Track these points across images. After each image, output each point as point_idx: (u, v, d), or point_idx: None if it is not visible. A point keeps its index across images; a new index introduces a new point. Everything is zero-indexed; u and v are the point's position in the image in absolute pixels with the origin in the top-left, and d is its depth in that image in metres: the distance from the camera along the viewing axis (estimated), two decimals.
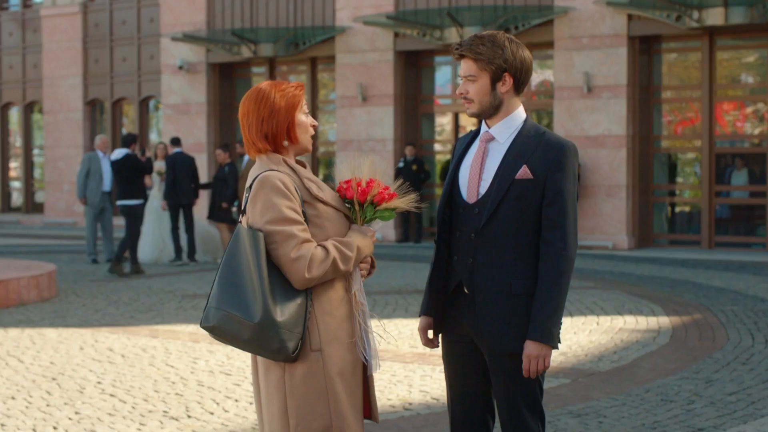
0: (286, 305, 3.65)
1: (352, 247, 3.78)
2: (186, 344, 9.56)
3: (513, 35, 20.19)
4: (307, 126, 3.91)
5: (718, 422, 6.54)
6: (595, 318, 10.81)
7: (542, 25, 20.52)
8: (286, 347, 3.62)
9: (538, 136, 4.04)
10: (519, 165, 3.99)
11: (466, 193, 4.08)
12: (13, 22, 30.36)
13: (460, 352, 4.18)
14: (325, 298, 3.76)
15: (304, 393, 3.70)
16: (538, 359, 3.93)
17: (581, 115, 20.01)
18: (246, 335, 3.61)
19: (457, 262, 4.09)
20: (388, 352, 8.97)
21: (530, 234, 4.01)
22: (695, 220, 20.21)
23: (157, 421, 6.76)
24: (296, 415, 3.70)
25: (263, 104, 3.83)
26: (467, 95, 4.05)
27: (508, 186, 3.98)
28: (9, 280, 12.17)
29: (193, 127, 24.88)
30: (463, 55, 4.04)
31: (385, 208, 3.90)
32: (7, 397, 7.48)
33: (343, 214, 3.89)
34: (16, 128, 30.95)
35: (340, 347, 3.77)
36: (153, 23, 27.02)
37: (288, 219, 3.69)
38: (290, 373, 3.71)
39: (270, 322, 3.60)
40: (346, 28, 22.65)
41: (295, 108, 3.85)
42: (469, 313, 4.08)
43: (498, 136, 4.09)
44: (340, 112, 22.98)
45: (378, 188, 3.89)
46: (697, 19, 18.66)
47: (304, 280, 3.67)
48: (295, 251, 3.66)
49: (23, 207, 30.37)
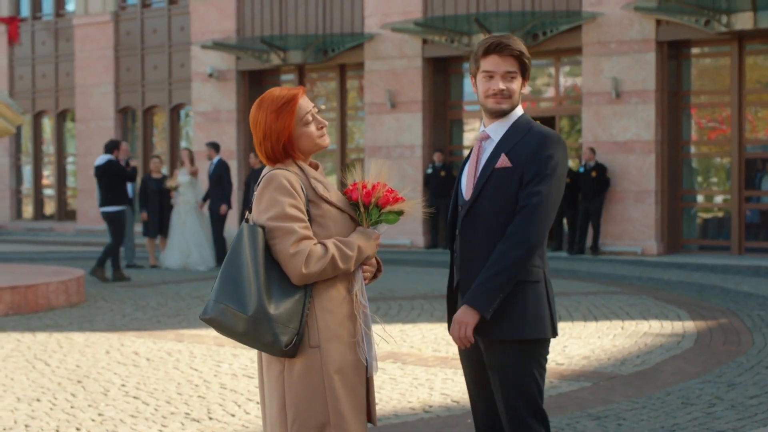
0: (283, 300, 3.71)
1: (353, 247, 3.82)
2: (211, 348, 9.63)
3: (541, 41, 20.32)
4: (311, 133, 3.93)
5: (738, 425, 6.52)
6: (620, 322, 10.79)
7: (570, 30, 20.51)
8: (279, 341, 3.68)
9: (525, 128, 4.14)
10: (499, 154, 4.09)
11: (465, 193, 4.18)
12: (45, 32, 30.67)
13: (470, 354, 4.24)
14: (326, 295, 3.81)
15: (301, 389, 3.75)
16: (461, 323, 3.99)
17: (609, 121, 19.96)
18: (241, 328, 3.69)
19: (457, 259, 4.20)
20: (411, 355, 9.01)
21: (509, 224, 4.05)
22: (725, 225, 20.10)
23: (179, 422, 6.82)
24: (294, 410, 3.76)
25: (258, 127, 3.92)
26: (506, 91, 4.12)
27: (488, 176, 4.07)
28: (38, 286, 12.30)
29: (223, 134, 25.02)
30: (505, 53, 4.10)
31: (389, 211, 3.94)
32: (32, 399, 7.57)
33: (348, 215, 3.93)
34: (48, 136, 31.24)
35: (340, 345, 3.80)
36: (183, 31, 27.22)
37: (290, 216, 3.75)
38: (289, 368, 3.77)
39: (263, 315, 3.66)
40: (374, 35, 22.73)
41: (289, 127, 3.88)
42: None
43: (493, 134, 4.19)
44: (368, 119, 23.06)
45: (383, 191, 3.93)
46: (725, 24, 18.59)
47: (301, 276, 3.72)
48: (293, 247, 3.72)
49: (56, 214, 30.64)
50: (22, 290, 12.12)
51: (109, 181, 15.96)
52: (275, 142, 3.87)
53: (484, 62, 4.12)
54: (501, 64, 4.10)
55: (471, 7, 21.79)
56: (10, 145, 31.15)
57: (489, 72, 4.11)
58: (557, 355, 9.00)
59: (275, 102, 3.89)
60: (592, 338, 9.85)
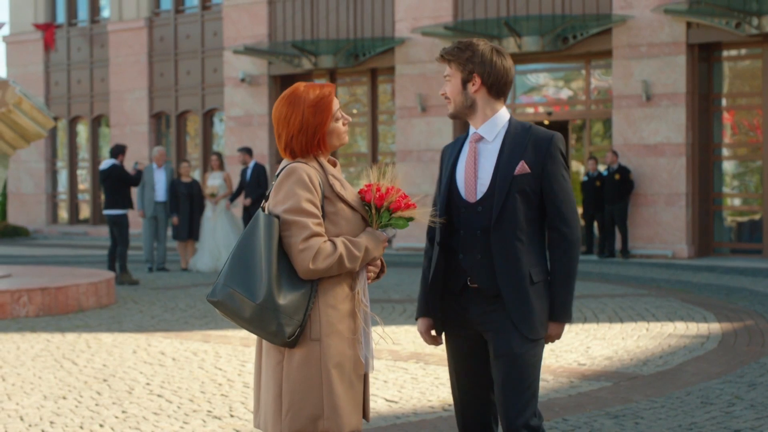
0: (290, 292, 3.78)
1: (361, 247, 3.89)
2: (236, 348, 9.73)
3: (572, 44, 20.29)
4: (339, 130, 4.02)
5: (756, 424, 6.52)
6: (645, 324, 10.78)
7: (601, 33, 20.49)
8: (283, 331, 3.75)
9: (525, 131, 4.24)
10: (516, 161, 4.17)
11: (464, 193, 4.23)
12: (81, 38, 30.99)
13: (467, 350, 4.31)
14: (331, 292, 3.87)
15: (299, 380, 3.81)
16: (558, 336, 4.27)
17: (640, 124, 19.92)
18: (247, 314, 3.76)
19: (464, 260, 4.23)
20: (434, 356, 9.06)
21: (536, 223, 4.22)
22: (757, 228, 19.99)
23: (201, 420, 6.91)
24: (289, 400, 3.82)
25: (294, 118, 3.94)
26: (446, 95, 4.32)
27: (510, 182, 4.15)
28: (68, 287, 12.46)
29: (255, 138, 25.18)
30: (440, 59, 4.34)
31: (400, 217, 4.01)
32: (58, 396, 7.69)
33: (360, 215, 3.99)
34: (83, 142, 31.54)
35: (340, 341, 3.86)
36: (216, 37, 27.42)
37: (305, 211, 3.82)
38: (288, 358, 3.84)
39: (271, 304, 3.74)
40: (405, 39, 22.81)
41: (326, 121, 3.96)
42: (477, 307, 4.22)
43: (486, 135, 4.26)
44: (399, 123, 23.12)
45: (396, 196, 4.00)
46: (756, 26, 18.52)
47: (308, 271, 3.79)
48: (304, 242, 3.79)
49: (91, 219, 30.92)
50: (52, 292, 12.28)
51: (113, 185, 16.12)
52: (311, 137, 3.94)
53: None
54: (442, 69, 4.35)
55: (501, 11, 21.81)
56: (46, 150, 31.50)
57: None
58: (580, 356, 9.02)
59: (313, 96, 3.96)
60: (616, 339, 9.86)
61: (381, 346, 9.33)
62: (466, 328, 4.27)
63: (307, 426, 3.82)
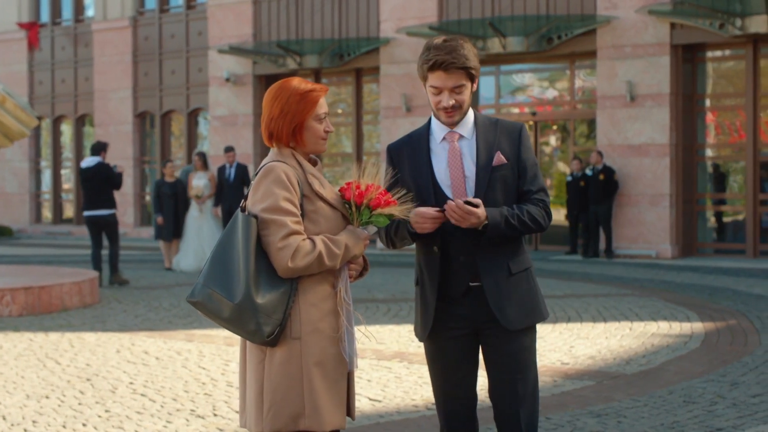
0: (269, 291, 3.78)
1: (341, 245, 3.88)
2: (220, 348, 9.72)
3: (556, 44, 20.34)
4: (318, 132, 3.99)
5: (738, 423, 6.55)
6: (628, 323, 10.82)
7: (585, 34, 20.53)
8: (261, 330, 3.75)
9: (492, 124, 4.23)
10: (492, 153, 4.15)
11: (452, 194, 4.14)
12: (65, 37, 30.89)
13: (458, 345, 4.23)
14: (312, 290, 3.86)
15: (280, 378, 3.81)
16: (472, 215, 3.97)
17: (624, 124, 19.97)
18: (226, 314, 3.76)
19: (464, 262, 4.15)
20: (418, 355, 9.07)
21: None
22: (740, 228, 20.06)
23: (184, 419, 6.90)
24: (270, 398, 3.82)
25: (276, 103, 3.95)
26: (456, 105, 4.10)
27: (489, 175, 4.13)
28: (52, 287, 12.43)
29: (240, 138, 25.15)
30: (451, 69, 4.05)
31: (380, 214, 4.00)
32: (41, 396, 7.67)
33: (340, 214, 3.98)
34: (67, 141, 31.44)
35: (321, 339, 3.85)
36: (201, 36, 27.38)
37: (283, 209, 3.81)
38: (270, 357, 3.84)
39: (249, 304, 3.73)
40: (390, 39, 22.82)
41: (307, 113, 3.95)
42: (474, 303, 4.15)
43: (466, 134, 4.21)
44: (384, 123, 23.13)
45: (376, 193, 3.97)
46: (740, 27, 18.59)
47: (287, 269, 3.79)
48: (282, 240, 3.79)
49: (75, 218, 30.82)
50: (36, 291, 12.25)
51: (99, 184, 15.36)
52: (288, 122, 3.93)
53: (431, 77, 4.08)
54: (448, 80, 4.06)
55: (486, 12, 21.83)
56: (30, 149, 31.39)
57: (436, 88, 4.10)
58: (563, 355, 9.04)
59: (304, 87, 3.95)
60: (600, 339, 9.88)
61: (365, 345, 9.33)
62: (462, 326, 4.20)
63: (289, 424, 3.82)
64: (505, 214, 4.06)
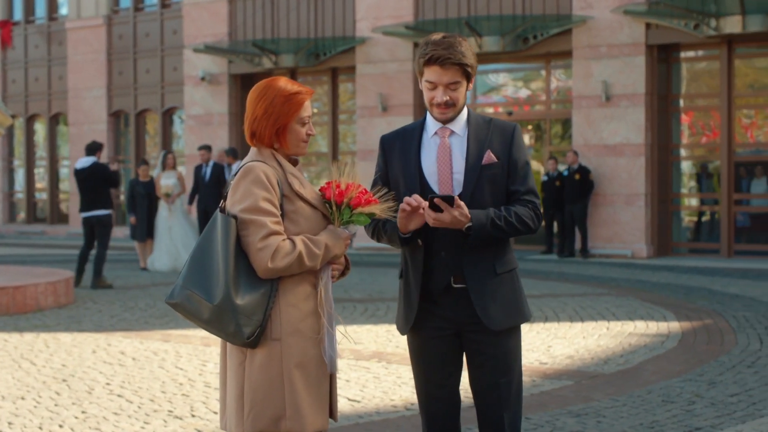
0: (249, 292, 3.74)
1: (321, 245, 3.85)
2: (197, 348, 9.67)
3: (532, 44, 20.39)
4: (301, 134, 3.97)
5: (716, 422, 6.57)
6: (605, 323, 10.84)
7: (561, 34, 20.58)
8: (241, 332, 3.72)
9: (486, 122, 4.22)
10: (482, 152, 4.12)
11: (438, 190, 4.12)
12: (38, 35, 30.71)
13: (441, 346, 4.19)
14: (292, 291, 3.83)
15: (260, 380, 3.78)
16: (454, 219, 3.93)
17: (600, 124, 20.03)
18: (205, 315, 3.73)
19: (446, 258, 4.12)
20: (396, 355, 9.05)
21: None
22: (715, 228, 20.16)
23: (162, 420, 6.85)
24: (251, 400, 3.78)
25: (261, 102, 3.92)
26: (450, 102, 4.10)
27: (478, 173, 4.10)
28: (26, 287, 12.33)
29: (215, 137, 25.06)
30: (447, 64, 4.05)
31: (360, 213, 3.97)
32: (17, 397, 7.60)
33: (321, 213, 3.95)
34: (41, 140, 31.26)
35: (301, 340, 3.82)
36: (176, 35, 27.27)
37: (262, 210, 3.78)
38: (250, 359, 3.80)
39: (228, 305, 3.70)
40: (366, 38, 22.79)
41: (291, 115, 3.92)
42: (458, 304, 4.12)
43: (458, 130, 4.19)
44: (360, 122, 23.10)
45: (356, 192, 3.95)
46: (715, 28, 18.67)
47: (267, 270, 3.76)
48: (262, 241, 3.75)
49: (48, 218, 30.66)
50: (10, 291, 12.15)
51: (95, 184, 15.22)
52: (271, 123, 3.90)
53: (427, 71, 4.08)
54: (443, 75, 4.06)
55: (462, 11, 21.85)
56: (2, 148, 31.20)
57: (432, 83, 4.09)
58: (541, 355, 9.05)
59: (290, 89, 3.92)
60: (577, 338, 9.90)
61: (343, 345, 9.30)
62: (443, 326, 4.17)
63: (269, 426, 3.79)
64: (492, 216, 4.02)
